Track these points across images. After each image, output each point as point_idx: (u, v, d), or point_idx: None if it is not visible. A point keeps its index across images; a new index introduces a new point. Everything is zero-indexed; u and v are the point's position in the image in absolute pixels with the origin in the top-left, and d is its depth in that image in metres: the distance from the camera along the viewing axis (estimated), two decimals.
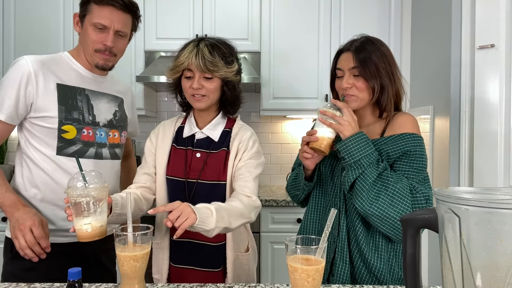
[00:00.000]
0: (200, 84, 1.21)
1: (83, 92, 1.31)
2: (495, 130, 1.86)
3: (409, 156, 1.07)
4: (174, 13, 2.56)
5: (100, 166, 1.31)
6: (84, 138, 1.29)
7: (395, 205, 1.00)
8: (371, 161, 1.03)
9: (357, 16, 2.58)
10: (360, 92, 1.15)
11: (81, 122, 1.28)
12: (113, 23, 1.27)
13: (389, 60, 1.19)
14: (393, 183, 1.02)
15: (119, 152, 1.42)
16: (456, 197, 0.56)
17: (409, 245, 0.66)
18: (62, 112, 1.24)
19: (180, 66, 1.21)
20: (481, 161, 1.89)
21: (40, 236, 1.15)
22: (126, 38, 1.36)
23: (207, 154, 1.27)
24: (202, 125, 1.32)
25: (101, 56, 1.29)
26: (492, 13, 1.85)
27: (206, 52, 1.19)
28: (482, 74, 1.89)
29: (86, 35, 1.28)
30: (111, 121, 1.38)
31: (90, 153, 1.30)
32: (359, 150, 1.03)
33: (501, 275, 0.52)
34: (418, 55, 2.50)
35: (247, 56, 2.58)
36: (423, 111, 2.39)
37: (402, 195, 1.01)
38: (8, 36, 2.53)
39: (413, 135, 1.09)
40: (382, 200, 1.01)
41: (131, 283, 0.88)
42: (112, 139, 1.38)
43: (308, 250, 0.79)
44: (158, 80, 2.35)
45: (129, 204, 0.94)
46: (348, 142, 1.05)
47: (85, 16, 1.28)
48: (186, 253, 1.27)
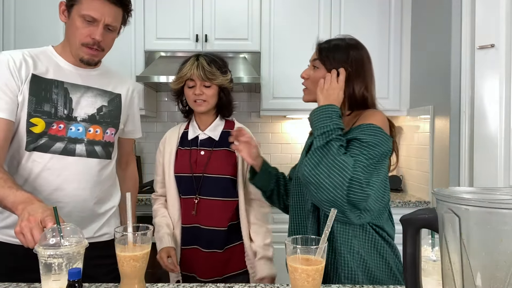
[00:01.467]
0: (201, 91, 1.43)
1: (61, 85, 1.23)
2: (495, 130, 1.86)
3: (361, 142, 1.03)
4: (174, 13, 2.56)
5: (68, 163, 1.21)
6: (51, 132, 1.19)
7: (332, 176, 0.97)
8: (324, 130, 1.03)
9: (357, 16, 2.58)
10: (313, 84, 1.17)
11: (52, 115, 1.20)
12: (104, 16, 1.19)
13: (356, 60, 1.16)
14: (335, 154, 0.99)
15: (103, 151, 1.30)
16: (456, 197, 0.56)
17: (409, 245, 0.66)
18: (32, 103, 1.16)
19: (183, 77, 1.44)
20: (481, 161, 1.89)
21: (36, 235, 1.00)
22: (115, 33, 1.29)
23: (210, 151, 1.47)
24: (203, 127, 1.52)
25: (88, 50, 1.22)
26: (492, 13, 1.85)
27: (205, 64, 1.42)
28: (482, 74, 1.89)
29: (73, 26, 1.19)
30: (93, 116, 1.27)
31: (56, 148, 1.19)
32: (320, 119, 1.05)
33: (501, 275, 0.52)
34: (418, 55, 2.50)
35: (247, 56, 2.58)
36: (423, 111, 2.39)
37: (342, 168, 0.97)
38: (8, 36, 2.53)
39: (370, 125, 1.05)
40: (321, 167, 0.99)
41: (131, 283, 0.88)
42: (93, 135, 1.26)
43: (308, 250, 0.79)
44: (158, 80, 2.35)
45: (129, 204, 0.94)
46: (317, 110, 1.08)
47: (73, 6, 1.19)
48: None
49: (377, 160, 1.02)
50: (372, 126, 1.05)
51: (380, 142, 1.03)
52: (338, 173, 0.97)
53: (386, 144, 1.04)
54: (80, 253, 0.86)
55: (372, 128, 1.04)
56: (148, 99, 2.68)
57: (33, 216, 0.93)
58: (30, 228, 0.91)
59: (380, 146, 1.02)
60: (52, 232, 0.86)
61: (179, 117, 2.92)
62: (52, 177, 1.20)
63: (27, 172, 1.19)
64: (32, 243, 0.90)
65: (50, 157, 1.19)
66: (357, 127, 1.06)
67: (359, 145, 1.02)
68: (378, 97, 3.00)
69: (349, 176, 0.96)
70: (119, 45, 2.46)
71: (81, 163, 1.24)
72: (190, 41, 2.55)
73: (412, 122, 2.59)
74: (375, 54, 2.58)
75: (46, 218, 0.91)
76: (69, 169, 1.22)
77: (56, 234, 0.86)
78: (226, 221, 1.44)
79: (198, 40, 2.53)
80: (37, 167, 1.18)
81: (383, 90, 2.61)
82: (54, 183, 1.20)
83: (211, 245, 1.43)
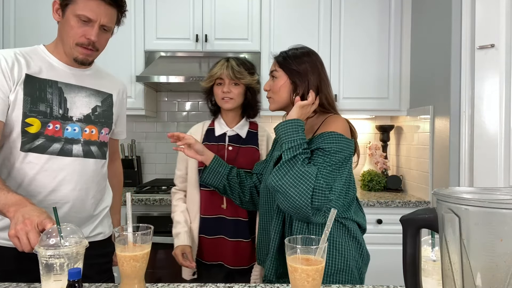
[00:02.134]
0: (229, 89, 1.54)
1: (55, 85, 1.21)
2: (495, 130, 1.86)
3: (324, 151, 1.12)
4: (174, 13, 2.56)
5: (65, 164, 1.20)
6: (48, 133, 1.18)
7: (297, 186, 1.07)
8: (292, 145, 1.12)
9: (357, 16, 2.58)
10: (275, 94, 1.28)
11: (47, 115, 1.18)
12: (99, 17, 1.18)
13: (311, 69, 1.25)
14: (300, 166, 1.09)
15: (98, 151, 1.30)
16: (456, 197, 0.56)
17: (409, 245, 0.66)
18: (27, 103, 1.15)
19: (214, 76, 1.55)
20: (481, 161, 1.89)
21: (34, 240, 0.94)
22: (110, 33, 1.27)
23: (238, 148, 1.59)
24: (231, 125, 1.63)
25: (82, 50, 1.21)
26: (492, 13, 1.85)
27: (234, 65, 1.54)
28: (482, 74, 1.89)
29: (67, 26, 1.18)
30: (88, 116, 1.27)
31: (53, 149, 1.18)
32: (287, 133, 1.14)
33: (501, 275, 0.52)
34: (418, 55, 2.50)
35: (247, 56, 2.58)
36: (423, 111, 2.39)
37: (306, 178, 1.07)
38: (8, 35, 2.53)
39: (331, 133, 1.15)
40: (287, 178, 1.08)
41: (131, 283, 0.88)
42: (89, 135, 1.26)
43: (308, 250, 0.79)
44: (158, 80, 2.35)
45: (129, 204, 0.95)
46: (284, 124, 1.16)
47: (68, 5, 1.17)
48: None
49: (339, 166, 1.14)
50: (333, 135, 1.14)
51: (342, 148, 1.14)
52: (303, 183, 1.07)
53: (348, 149, 1.15)
54: (80, 253, 0.86)
55: (333, 136, 1.14)
56: (148, 99, 2.68)
57: (29, 219, 0.90)
58: (26, 232, 0.88)
59: (342, 152, 1.13)
60: (52, 232, 0.86)
61: (179, 117, 2.94)
62: (48, 179, 1.18)
63: (22, 174, 1.16)
64: (28, 246, 0.88)
65: (47, 158, 1.17)
66: (320, 136, 1.16)
67: (322, 154, 1.13)
68: (378, 97, 3.01)
69: (312, 186, 1.07)
70: (119, 45, 2.49)
71: (78, 164, 1.23)
72: (190, 41, 2.55)
73: (412, 122, 2.59)
74: (375, 54, 2.61)
75: (44, 221, 0.89)
76: (66, 170, 1.20)
77: (56, 235, 0.86)
78: (248, 212, 1.53)
79: (198, 40, 2.53)
80: (33, 168, 1.16)
81: (383, 90, 2.61)
82: (51, 184, 1.18)
83: (237, 235, 1.52)
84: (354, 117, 2.87)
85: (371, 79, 2.60)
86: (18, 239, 0.89)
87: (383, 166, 2.75)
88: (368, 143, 2.89)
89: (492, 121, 1.86)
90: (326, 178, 1.10)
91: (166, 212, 2.07)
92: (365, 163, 2.85)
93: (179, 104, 2.93)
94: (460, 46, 2.00)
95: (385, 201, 2.27)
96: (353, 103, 2.56)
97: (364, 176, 2.68)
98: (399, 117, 2.78)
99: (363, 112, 2.68)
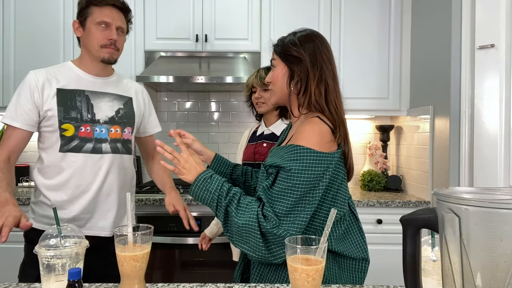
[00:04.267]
0: (259, 95, 1.75)
1: (83, 94, 1.43)
2: (495, 130, 1.86)
3: (286, 171, 0.96)
4: (174, 13, 2.56)
5: (96, 160, 1.42)
6: (81, 135, 1.41)
7: (246, 241, 0.97)
8: (216, 203, 1.00)
9: (357, 16, 2.58)
10: (274, 85, 1.13)
11: (79, 120, 1.40)
12: (114, 20, 1.41)
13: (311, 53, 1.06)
14: (236, 220, 0.96)
15: (123, 147, 1.51)
16: (456, 197, 0.56)
17: (409, 245, 0.66)
18: (61, 112, 1.38)
19: (248, 86, 1.82)
20: (481, 161, 1.89)
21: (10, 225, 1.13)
22: (124, 35, 1.50)
23: (271, 144, 1.75)
24: (269, 125, 1.82)
25: (107, 50, 1.41)
26: (492, 13, 1.85)
27: (262, 74, 1.74)
28: (482, 74, 1.89)
29: (90, 35, 1.40)
30: (113, 118, 1.48)
31: (87, 148, 1.42)
32: (203, 193, 1.01)
33: (501, 275, 0.52)
34: (418, 55, 2.50)
35: (247, 56, 2.58)
36: (423, 111, 2.39)
37: (249, 230, 0.95)
38: (8, 36, 2.53)
39: (296, 149, 0.97)
40: (235, 237, 0.99)
41: (131, 284, 0.88)
42: (114, 134, 1.48)
43: (308, 250, 0.79)
44: (158, 80, 2.35)
45: (129, 204, 0.95)
46: (193, 187, 1.03)
47: (87, 18, 1.40)
48: None
49: (309, 188, 0.95)
50: (299, 151, 0.96)
51: (308, 166, 0.95)
52: (248, 237, 0.95)
53: (318, 165, 0.96)
54: (81, 254, 0.88)
55: (299, 152, 0.96)
56: None
57: (8, 213, 1.13)
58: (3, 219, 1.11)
59: (309, 170, 0.95)
60: (53, 233, 0.88)
61: (179, 117, 2.94)
62: (84, 173, 1.41)
63: (62, 171, 1.40)
64: None
65: (82, 155, 1.40)
66: (286, 148, 1.00)
67: (284, 176, 0.96)
68: (378, 97, 2.99)
69: (258, 235, 0.94)
70: None
71: (107, 159, 1.45)
72: (190, 41, 2.55)
73: (412, 122, 2.59)
74: (375, 54, 2.61)
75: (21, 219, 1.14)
76: (97, 165, 1.43)
77: (56, 235, 0.88)
78: None
79: (198, 40, 2.53)
80: (72, 166, 1.39)
81: (383, 90, 2.61)
82: (87, 178, 1.42)
83: None
84: (354, 117, 2.87)
85: (371, 79, 2.60)
86: None
87: (383, 166, 2.75)
88: (368, 143, 2.89)
89: (492, 121, 1.86)
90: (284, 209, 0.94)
91: (166, 212, 2.07)
92: (365, 163, 2.85)
93: (179, 104, 2.93)
94: (460, 46, 2.00)
95: (385, 201, 2.27)
96: (353, 103, 2.56)
97: (364, 176, 2.68)
98: (399, 117, 2.78)
99: (363, 112, 2.68)
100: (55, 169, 1.40)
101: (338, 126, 1.02)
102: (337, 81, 1.08)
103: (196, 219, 2.22)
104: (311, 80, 1.04)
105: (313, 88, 1.04)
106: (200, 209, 2.20)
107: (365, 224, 2.27)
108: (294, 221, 0.95)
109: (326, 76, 1.05)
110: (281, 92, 1.11)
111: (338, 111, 1.05)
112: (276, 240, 0.94)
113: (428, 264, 0.87)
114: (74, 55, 2.51)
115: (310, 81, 1.04)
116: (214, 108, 2.92)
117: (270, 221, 0.94)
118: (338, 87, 1.08)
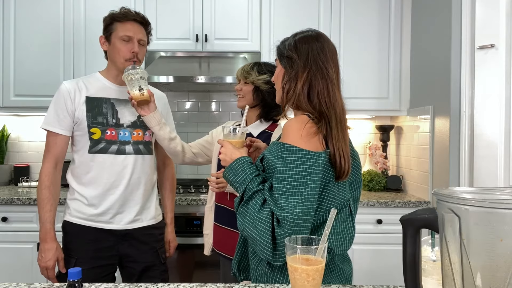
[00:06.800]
0: (240, 87, 1.70)
1: (109, 101, 1.61)
2: (495, 130, 1.86)
3: (279, 171, 0.98)
4: (174, 13, 2.56)
5: (121, 160, 1.59)
6: (107, 138, 1.58)
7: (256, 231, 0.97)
8: (246, 184, 1.02)
9: (357, 16, 2.58)
10: (276, 85, 1.19)
11: (105, 124, 1.58)
12: (136, 34, 1.57)
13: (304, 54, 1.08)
14: (252, 211, 0.98)
15: (145, 148, 1.66)
16: (456, 197, 0.56)
17: (409, 245, 0.66)
18: (89, 118, 1.56)
19: (237, 77, 1.74)
20: (481, 161, 1.89)
21: (52, 277, 1.54)
22: (145, 46, 1.65)
23: None
24: (249, 124, 1.74)
25: (130, 63, 1.56)
26: (492, 13, 1.85)
27: (246, 67, 1.69)
28: (482, 74, 1.89)
29: (115, 48, 1.57)
30: (135, 122, 1.64)
31: (112, 149, 1.59)
32: (239, 172, 1.06)
33: (501, 275, 0.52)
34: (418, 55, 2.50)
35: (247, 56, 2.58)
36: (423, 111, 2.39)
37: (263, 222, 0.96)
38: (8, 37, 2.53)
39: (280, 147, 1.00)
40: (247, 220, 0.99)
41: None
42: (136, 137, 1.64)
43: (308, 250, 0.79)
44: (158, 80, 2.35)
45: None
46: (232, 164, 1.09)
47: (111, 34, 1.57)
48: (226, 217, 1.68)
49: (299, 184, 0.95)
50: (281, 149, 0.99)
51: (293, 160, 0.96)
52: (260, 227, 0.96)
53: (304, 163, 0.96)
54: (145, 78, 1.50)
55: (282, 150, 0.99)
56: None
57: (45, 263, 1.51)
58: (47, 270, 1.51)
59: (293, 165, 0.96)
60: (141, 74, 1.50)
61: (179, 117, 2.94)
62: (111, 172, 1.57)
63: (91, 170, 1.57)
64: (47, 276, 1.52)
65: (108, 156, 1.57)
66: (274, 147, 1.03)
67: (278, 175, 0.98)
68: (378, 97, 3.00)
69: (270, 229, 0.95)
70: None
71: (131, 160, 1.61)
72: (190, 41, 2.55)
73: (412, 122, 2.59)
74: (375, 54, 2.61)
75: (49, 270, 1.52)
76: (122, 164, 1.59)
77: None
78: None
79: (198, 40, 2.53)
80: (99, 166, 1.56)
81: (383, 90, 2.61)
82: (114, 176, 1.58)
83: None
84: (354, 117, 2.87)
85: (371, 79, 2.60)
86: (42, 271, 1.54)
87: (383, 166, 2.75)
88: (368, 143, 2.89)
89: (492, 121, 1.86)
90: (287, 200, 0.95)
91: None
92: (365, 163, 2.85)
93: (179, 104, 2.93)
94: (460, 46, 2.00)
95: (385, 201, 2.27)
96: (353, 103, 2.55)
97: (364, 176, 2.68)
98: (399, 117, 2.78)
99: (363, 112, 2.68)
100: (85, 168, 1.57)
101: (325, 119, 1.01)
102: (333, 81, 1.07)
103: (196, 219, 2.24)
104: (298, 80, 1.05)
105: (298, 87, 1.05)
106: (200, 209, 2.20)
107: (365, 224, 2.29)
108: None
109: (317, 77, 1.05)
110: (280, 91, 1.14)
111: (328, 111, 1.03)
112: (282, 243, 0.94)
113: (428, 264, 0.87)
114: (74, 56, 2.52)
115: (298, 81, 1.06)
116: (214, 108, 2.92)
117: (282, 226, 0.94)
118: (334, 87, 1.06)
